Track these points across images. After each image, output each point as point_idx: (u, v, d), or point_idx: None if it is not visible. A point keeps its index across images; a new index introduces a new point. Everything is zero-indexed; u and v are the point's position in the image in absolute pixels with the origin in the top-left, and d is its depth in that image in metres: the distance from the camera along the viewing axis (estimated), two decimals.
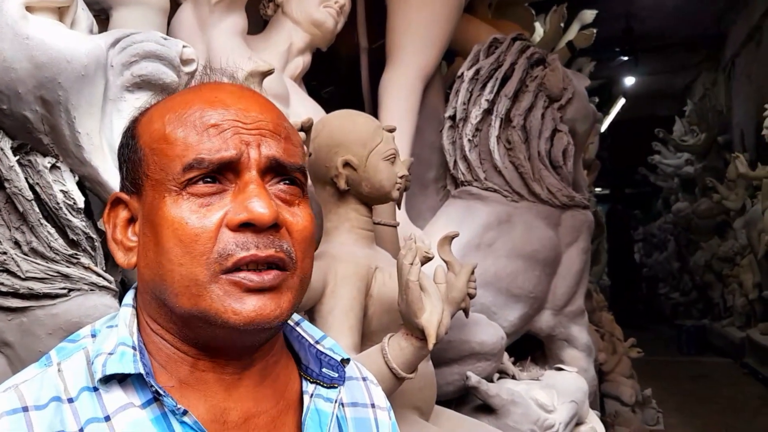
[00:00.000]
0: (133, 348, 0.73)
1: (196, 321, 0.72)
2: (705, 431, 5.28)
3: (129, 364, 0.71)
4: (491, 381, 2.37)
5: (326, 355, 0.84)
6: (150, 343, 0.76)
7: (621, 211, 12.84)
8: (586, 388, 2.66)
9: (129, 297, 0.80)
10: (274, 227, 0.72)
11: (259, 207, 0.70)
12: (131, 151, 0.77)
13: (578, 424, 2.58)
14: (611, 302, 7.00)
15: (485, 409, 2.28)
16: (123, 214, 0.79)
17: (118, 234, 0.79)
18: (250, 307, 0.71)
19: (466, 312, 1.99)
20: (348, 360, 0.86)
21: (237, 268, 0.71)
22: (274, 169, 0.75)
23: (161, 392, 0.71)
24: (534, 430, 2.26)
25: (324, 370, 0.83)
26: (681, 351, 8.87)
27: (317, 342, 0.86)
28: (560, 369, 2.76)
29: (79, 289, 1.39)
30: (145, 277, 0.75)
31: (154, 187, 0.74)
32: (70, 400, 0.71)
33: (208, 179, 0.72)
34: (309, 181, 1.87)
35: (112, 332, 0.76)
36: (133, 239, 0.78)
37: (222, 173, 0.73)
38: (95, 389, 0.71)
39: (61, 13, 1.47)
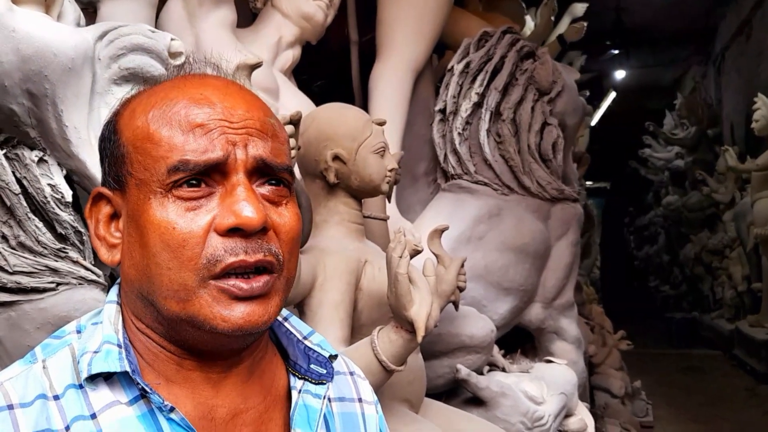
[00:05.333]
0: (119, 346, 0.72)
1: (184, 324, 0.72)
2: (694, 423, 5.32)
3: (115, 362, 0.71)
4: (481, 373, 2.38)
5: (314, 351, 0.84)
6: (136, 341, 0.75)
7: (618, 205, 12.93)
8: (575, 380, 2.67)
9: (113, 293, 0.79)
10: (262, 231, 0.71)
11: (248, 211, 0.69)
12: (114, 146, 0.75)
13: (568, 416, 2.59)
14: (603, 295, 7.02)
15: (475, 401, 2.29)
16: (106, 209, 0.77)
17: (101, 230, 0.77)
18: (238, 314, 0.70)
19: (456, 305, 2.00)
20: (336, 356, 0.86)
21: (226, 273, 0.70)
22: (261, 170, 0.74)
23: (148, 389, 0.70)
24: (523, 422, 2.27)
25: (312, 366, 0.83)
26: (671, 343, 8.93)
27: (305, 338, 0.85)
28: (550, 361, 2.77)
29: (67, 283, 1.38)
30: (130, 276, 0.74)
31: (139, 187, 0.72)
32: (56, 398, 0.70)
33: (194, 182, 0.71)
34: (298, 175, 1.87)
35: (97, 329, 0.75)
36: (116, 236, 0.76)
37: (209, 175, 0.71)
38: (81, 387, 0.71)
39: (47, 5, 1.45)
